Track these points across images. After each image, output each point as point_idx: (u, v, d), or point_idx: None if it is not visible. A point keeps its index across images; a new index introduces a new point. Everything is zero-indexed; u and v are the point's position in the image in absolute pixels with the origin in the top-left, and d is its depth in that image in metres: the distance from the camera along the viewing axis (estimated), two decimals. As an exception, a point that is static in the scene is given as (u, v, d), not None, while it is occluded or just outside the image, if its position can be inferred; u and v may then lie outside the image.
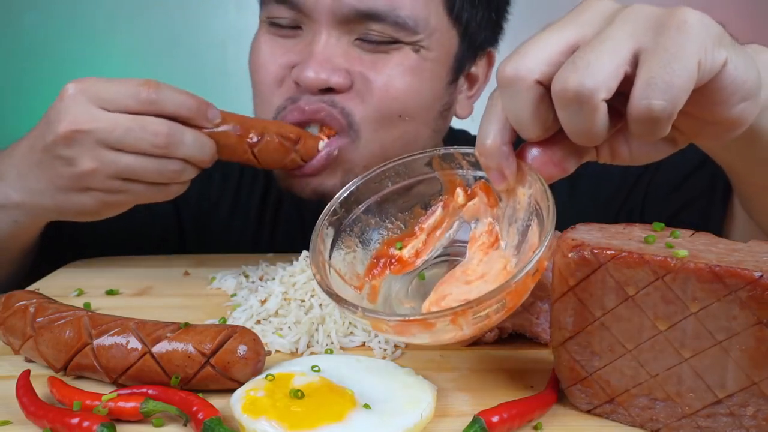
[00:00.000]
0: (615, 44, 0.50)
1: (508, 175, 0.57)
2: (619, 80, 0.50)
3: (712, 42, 0.50)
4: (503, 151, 0.56)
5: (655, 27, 0.51)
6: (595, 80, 0.49)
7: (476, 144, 0.58)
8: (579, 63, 0.50)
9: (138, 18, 2.33)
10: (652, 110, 0.49)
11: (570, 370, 0.60)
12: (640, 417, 0.58)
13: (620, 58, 0.50)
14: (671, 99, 0.49)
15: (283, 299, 0.80)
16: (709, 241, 0.58)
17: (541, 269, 0.55)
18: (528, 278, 0.54)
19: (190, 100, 0.85)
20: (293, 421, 0.54)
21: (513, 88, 0.53)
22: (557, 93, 0.51)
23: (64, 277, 1.04)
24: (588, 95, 0.50)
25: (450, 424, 0.59)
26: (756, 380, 0.52)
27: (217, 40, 2.34)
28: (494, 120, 0.56)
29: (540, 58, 0.52)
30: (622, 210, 1.16)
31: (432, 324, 0.54)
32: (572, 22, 0.54)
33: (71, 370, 0.66)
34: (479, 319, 0.54)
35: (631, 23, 0.51)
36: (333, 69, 0.96)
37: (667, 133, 0.52)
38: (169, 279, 1.02)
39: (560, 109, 0.52)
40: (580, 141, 0.54)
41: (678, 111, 0.50)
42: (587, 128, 0.52)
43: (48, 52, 2.31)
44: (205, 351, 0.62)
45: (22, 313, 0.70)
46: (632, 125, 0.52)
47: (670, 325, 0.54)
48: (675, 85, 0.49)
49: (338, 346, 0.75)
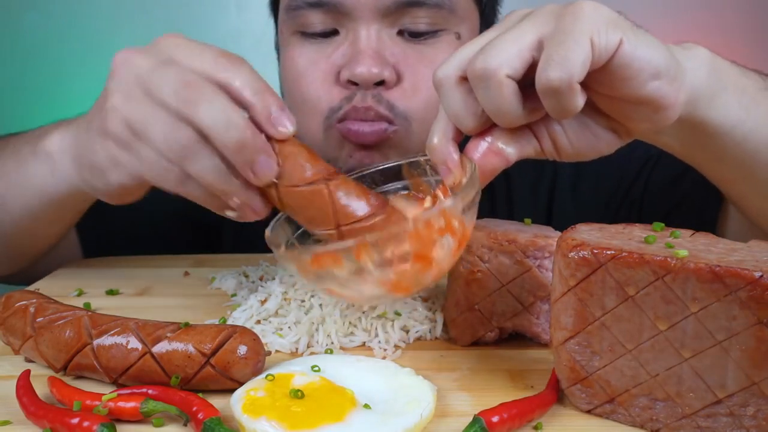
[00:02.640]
0: (519, 33, 0.57)
1: (453, 167, 0.63)
2: (523, 61, 0.56)
3: (605, 23, 0.56)
4: (445, 145, 0.63)
5: (555, 17, 0.57)
6: (498, 58, 0.56)
7: (426, 143, 0.64)
8: (487, 48, 0.58)
9: (138, 18, 2.33)
10: (551, 81, 0.54)
11: (570, 370, 0.60)
12: (640, 417, 0.58)
13: (523, 43, 0.57)
14: (566, 70, 0.54)
15: (283, 299, 0.80)
16: (709, 241, 0.58)
17: (449, 225, 0.57)
18: (430, 226, 0.56)
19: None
20: (293, 421, 0.54)
21: (443, 87, 0.61)
22: (470, 75, 0.58)
23: (64, 277, 1.04)
24: (492, 71, 0.56)
25: (450, 424, 0.59)
26: (756, 380, 0.52)
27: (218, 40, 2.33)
28: (438, 120, 0.64)
29: (461, 58, 0.60)
30: (622, 207, 1.17)
31: (338, 257, 0.56)
32: (493, 29, 0.62)
33: (71, 370, 0.66)
34: (380, 259, 0.56)
35: (537, 17, 0.58)
36: (384, 63, 0.97)
37: (578, 107, 0.56)
38: (169, 279, 1.02)
39: (476, 91, 0.58)
40: (500, 120, 0.59)
41: (576, 82, 0.54)
42: (498, 104, 0.57)
43: (48, 52, 2.31)
44: (205, 351, 0.62)
45: (22, 313, 0.70)
46: (543, 102, 0.57)
47: (670, 325, 0.54)
48: (569, 59, 0.54)
49: (338, 346, 0.75)
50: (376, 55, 0.97)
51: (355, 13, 0.97)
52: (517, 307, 0.72)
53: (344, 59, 0.98)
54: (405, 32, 0.99)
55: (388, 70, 0.97)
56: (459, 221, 0.58)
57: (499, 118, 0.59)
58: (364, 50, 0.97)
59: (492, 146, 0.62)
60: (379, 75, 0.96)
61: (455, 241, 0.59)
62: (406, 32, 0.99)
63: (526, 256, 0.70)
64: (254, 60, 0.74)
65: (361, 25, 0.97)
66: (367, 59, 0.96)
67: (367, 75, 0.96)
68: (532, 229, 0.74)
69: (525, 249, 0.70)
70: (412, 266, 0.58)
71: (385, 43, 0.98)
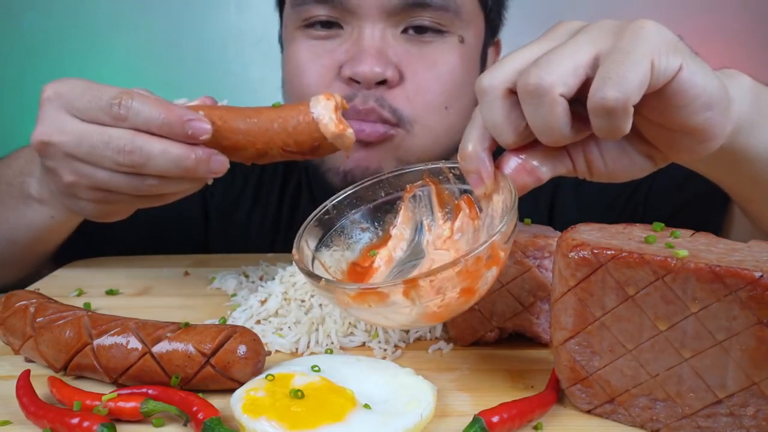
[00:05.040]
0: (575, 48, 0.55)
1: (485, 178, 0.61)
2: (578, 79, 0.54)
3: (666, 47, 0.54)
4: (481, 155, 0.60)
5: (614, 34, 0.55)
6: (553, 75, 0.54)
7: (459, 149, 0.62)
8: (541, 61, 0.55)
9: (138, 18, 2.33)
10: (606, 100, 0.52)
11: (570, 370, 0.60)
12: (641, 417, 0.58)
13: (579, 59, 0.54)
14: (624, 91, 0.52)
15: (283, 299, 0.80)
16: (709, 242, 0.58)
17: (495, 257, 0.57)
18: (480, 261, 0.56)
19: (164, 114, 0.74)
20: (293, 421, 0.54)
21: (487, 97, 0.58)
22: (521, 89, 0.55)
23: (64, 277, 1.04)
24: (546, 88, 0.53)
25: (450, 424, 0.59)
26: (756, 380, 0.52)
27: (217, 40, 2.34)
28: (475, 127, 0.61)
29: (510, 68, 0.57)
30: (625, 211, 1.16)
31: (386, 294, 0.56)
32: (543, 39, 0.59)
33: (71, 370, 0.66)
34: (431, 294, 0.56)
35: (593, 33, 0.56)
36: (386, 62, 0.97)
37: (627, 129, 0.54)
38: (169, 279, 1.02)
39: (524, 105, 0.56)
40: (545, 139, 0.57)
41: (632, 104, 0.52)
42: (548, 123, 0.55)
43: (48, 52, 2.31)
44: (205, 351, 0.62)
45: (22, 313, 0.70)
46: (593, 121, 0.55)
47: (671, 325, 0.54)
48: (627, 79, 0.52)
49: (338, 346, 0.74)
50: (379, 54, 0.97)
51: (361, 11, 0.97)
52: (517, 307, 0.72)
53: (347, 56, 0.99)
54: (409, 29, 0.99)
55: (390, 69, 0.97)
56: (504, 251, 0.58)
57: (545, 136, 0.57)
58: (368, 49, 0.97)
59: (526, 164, 0.60)
60: (381, 74, 0.96)
61: (497, 270, 0.59)
62: (411, 29, 0.99)
63: (526, 256, 0.70)
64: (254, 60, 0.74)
65: (366, 23, 0.97)
66: (370, 58, 0.96)
67: (370, 74, 0.96)
68: (532, 229, 0.74)
69: (525, 249, 0.70)
70: (456, 300, 0.58)
71: (389, 42, 0.98)
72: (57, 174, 0.80)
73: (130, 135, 0.75)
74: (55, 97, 0.77)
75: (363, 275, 0.70)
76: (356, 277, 0.70)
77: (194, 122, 0.75)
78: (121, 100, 0.74)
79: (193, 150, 0.76)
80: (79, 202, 0.83)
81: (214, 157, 0.77)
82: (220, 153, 0.78)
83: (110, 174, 0.77)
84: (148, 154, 0.75)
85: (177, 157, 0.75)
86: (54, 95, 0.78)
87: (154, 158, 0.75)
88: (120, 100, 0.74)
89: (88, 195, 0.81)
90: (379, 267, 0.71)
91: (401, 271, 0.70)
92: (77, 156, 0.77)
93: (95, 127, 0.76)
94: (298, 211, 1.27)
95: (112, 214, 0.86)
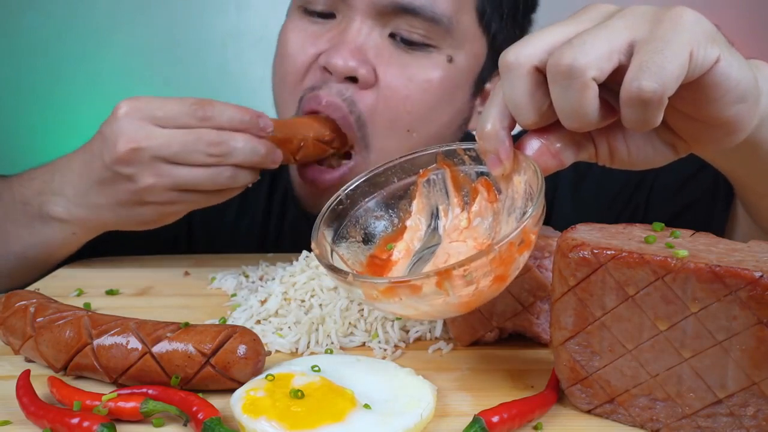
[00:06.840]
0: (611, 32, 0.52)
1: (504, 158, 0.59)
2: (612, 64, 0.52)
3: (705, 37, 0.52)
4: (500, 134, 0.58)
5: (651, 20, 0.53)
6: (588, 57, 0.51)
7: (477, 128, 0.60)
8: (575, 41, 0.52)
9: (138, 18, 2.33)
10: (643, 91, 0.50)
11: (570, 370, 0.60)
12: (641, 417, 0.58)
13: (615, 44, 0.52)
14: (661, 82, 0.50)
15: (283, 299, 0.80)
16: (709, 242, 0.58)
17: (527, 241, 0.56)
18: (512, 247, 0.55)
19: (242, 113, 0.89)
20: (293, 421, 0.54)
21: (512, 73, 0.55)
22: (551, 68, 0.53)
23: (64, 277, 1.04)
24: (579, 71, 0.51)
25: (450, 424, 0.59)
26: (756, 380, 0.52)
27: (217, 40, 2.34)
28: (495, 105, 0.58)
29: (540, 46, 0.55)
30: (625, 211, 1.16)
31: (418, 287, 0.55)
32: (575, 19, 0.56)
33: (71, 370, 0.66)
34: (464, 284, 0.55)
35: (629, 18, 0.53)
36: (363, 60, 0.96)
37: (658, 121, 0.53)
38: (169, 279, 1.02)
39: (552, 85, 0.54)
40: (570, 123, 0.55)
41: (668, 96, 0.51)
42: (577, 107, 0.53)
43: (47, 52, 2.31)
44: (205, 351, 0.62)
45: (22, 313, 0.70)
46: (624, 111, 0.53)
47: (671, 325, 0.54)
48: (666, 69, 0.50)
49: (338, 346, 0.74)
50: (357, 49, 0.96)
51: (353, 2, 0.97)
52: (517, 307, 0.72)
53: (328, 45, 0.99)
54: (397, 37, 0.98)
55: (365, 68, 0.96)
56: (534, 234, 0.57)
57: (570, 120, 0.54)
58: (348, 42, 0.96)
59: (550, 146, 0.58)
60: (353, 70, 0.96)
61: (528, 253, 0.58)
62: (399, 37, 0.98)
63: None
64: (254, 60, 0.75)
65: (356, 15, 0.97)
66: (346, 51, 0.96)
67: (342, 67, 0.96)
68: (532, 229, 0.74)
69: (525, 249, 0.70)
70: (489, 287, 0.57)
71: (373, 41, 0.98)
72: (134, 180, 0.88)
73: (216, 131, 0.87)
74: (133, 111, 0.86)
75: (383, 268, 0.69)
76: (376, 269, 0.69)
77: (264, 118, 0.91)
78: (203, 104, 0.87)
79: (263, 142, 0.91)
80: (141, 209, 0.91)
81: (275, 149, 0.93)
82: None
83: (191, 170, 0.87)
84: (233, 146, 0.88)
85: (254, 147, 0.89)
86: (132, 110, 0.86)
87: (239, 149, 0.88)
88: (202, 104, 0.87)
89: (160, 197, 0.89)
90: (399, 259, 0.69)
91: (420, 258, 0.69)
92: (165, 157, 0.86)
93: (182, 129, 0.87)
94: (286, 219, 1.27)
95: (166, 216, 0.94)
